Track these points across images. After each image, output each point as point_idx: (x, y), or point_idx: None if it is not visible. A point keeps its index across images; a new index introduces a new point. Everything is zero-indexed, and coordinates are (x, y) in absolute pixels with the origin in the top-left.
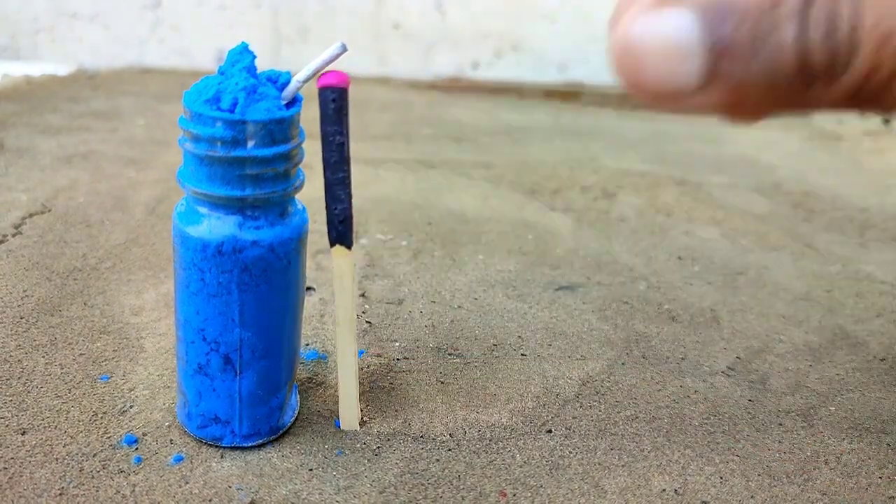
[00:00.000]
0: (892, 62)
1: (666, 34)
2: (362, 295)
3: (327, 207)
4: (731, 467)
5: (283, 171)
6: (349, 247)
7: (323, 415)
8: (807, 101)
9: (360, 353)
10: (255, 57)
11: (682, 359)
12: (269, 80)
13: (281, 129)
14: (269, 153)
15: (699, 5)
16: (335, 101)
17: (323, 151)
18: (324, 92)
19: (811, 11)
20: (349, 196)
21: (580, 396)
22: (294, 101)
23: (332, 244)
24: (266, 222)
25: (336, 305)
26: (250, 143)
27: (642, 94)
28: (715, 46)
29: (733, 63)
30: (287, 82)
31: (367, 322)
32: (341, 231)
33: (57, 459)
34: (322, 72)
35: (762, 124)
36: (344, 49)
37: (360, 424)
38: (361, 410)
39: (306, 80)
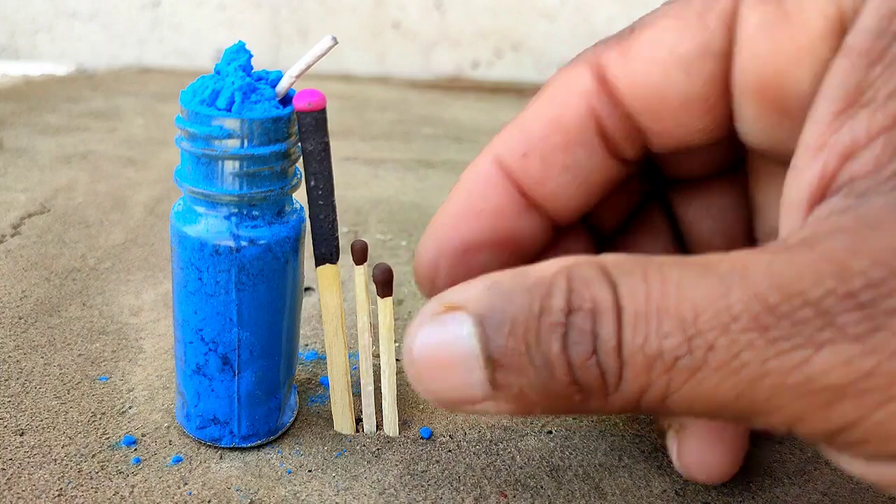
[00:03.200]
0: (663, 384)
1: (448, 344)
2: None
3: (312, 230)
4: None
5: (279, 170)
6: (334, 263)
7: (322, 416)
8: (591, 409)
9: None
10: (251, 55)
11: None
12: (259, 80)
13: (278, 128)
14: (266, 151)
15: (477, 312)
16: (312, 124)
17: (305, 177)
18: (301, 115)
19: (574, 322)
20: (334, 216)
21: None
22: (290, 100)
23: (318, 264)
24: (263, 221)
25: (322, 313)
26: (247, 142)
27: (437, 402)
28: (492, 356)
29: (510, 373)
30: (278, 79)
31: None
32: (325, 254)
33: (55, 460)
34: (309, 69)
35: None
36: (334, 42)
37: (356, 428)
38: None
39: (299, 75)
